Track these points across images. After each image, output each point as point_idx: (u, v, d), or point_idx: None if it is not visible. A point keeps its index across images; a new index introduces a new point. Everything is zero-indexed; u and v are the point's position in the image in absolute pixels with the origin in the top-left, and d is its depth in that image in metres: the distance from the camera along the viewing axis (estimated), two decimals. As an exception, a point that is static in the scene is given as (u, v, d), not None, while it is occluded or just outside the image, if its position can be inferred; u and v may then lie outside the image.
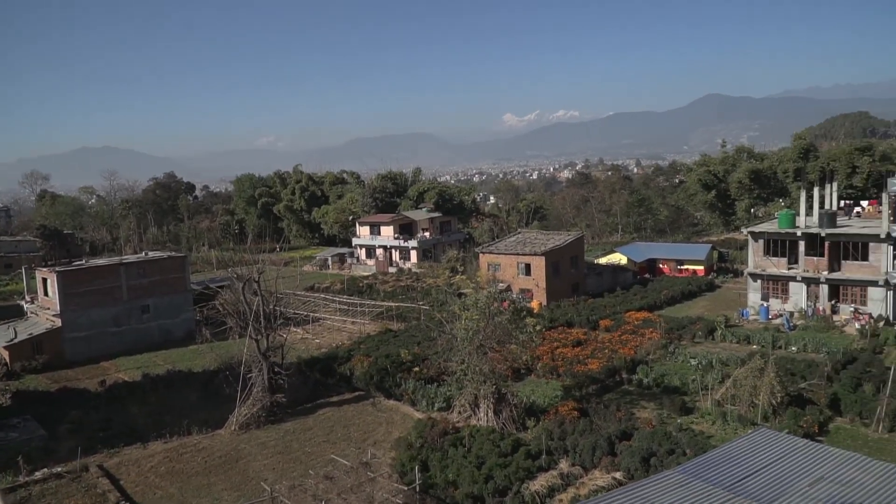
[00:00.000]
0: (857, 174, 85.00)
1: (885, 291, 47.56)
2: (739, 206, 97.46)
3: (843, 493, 14.02)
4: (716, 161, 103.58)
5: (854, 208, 59.39)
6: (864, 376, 34.45)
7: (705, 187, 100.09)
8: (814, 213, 51.98)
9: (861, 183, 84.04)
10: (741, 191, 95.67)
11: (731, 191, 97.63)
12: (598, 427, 29.16)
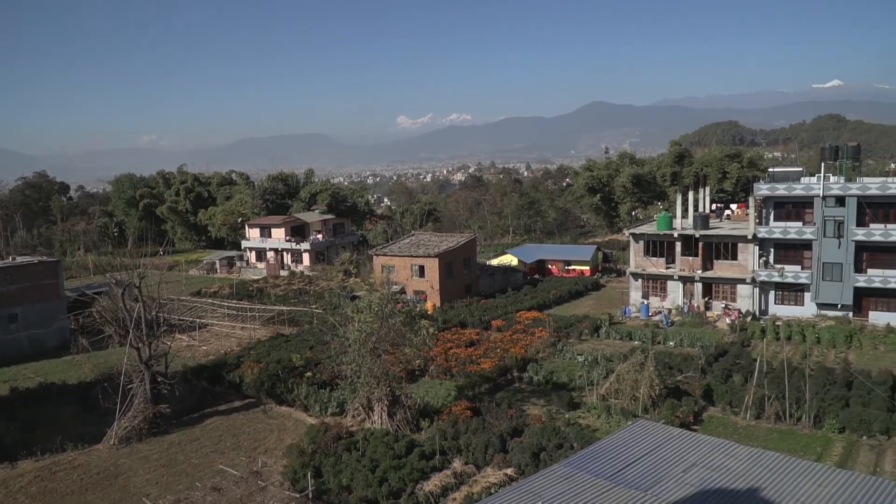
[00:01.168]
0: (728, 179, 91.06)
1: (752, 288, 51.22)
2: (622, 209, 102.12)
3: (713, 477, 15.01)
4: (600, 166, 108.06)
5: (724, 211, 63.62)
6: (734, 368, 36.94)
7: (591, 191, 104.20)
8: (689, 216, 55.23)
9: (731, 187, 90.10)
10: (624, 194, 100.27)
11: (615, 194, 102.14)
12: (491, 425, 29.77)
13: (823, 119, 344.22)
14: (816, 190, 48.82)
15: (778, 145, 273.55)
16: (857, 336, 44.07)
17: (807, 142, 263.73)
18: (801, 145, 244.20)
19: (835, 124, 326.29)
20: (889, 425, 29.27)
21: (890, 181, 48.20)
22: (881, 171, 75.38)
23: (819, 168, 51.03)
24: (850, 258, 47.72)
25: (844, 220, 47.79)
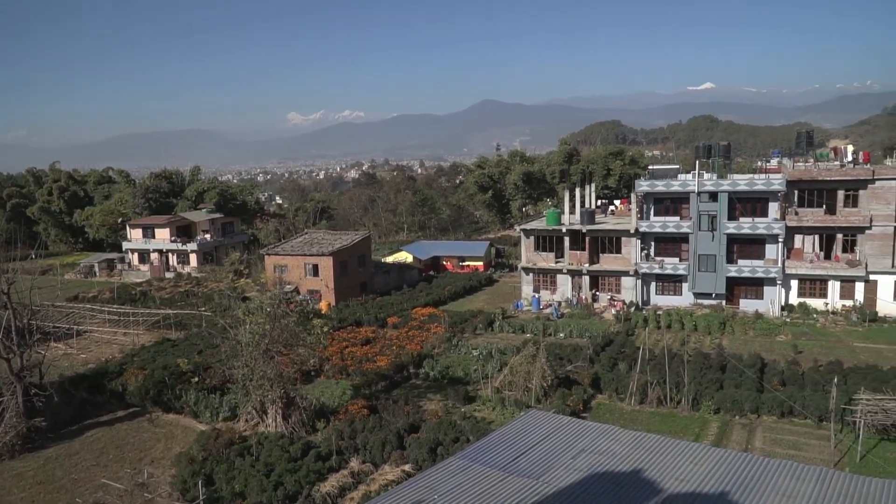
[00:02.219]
0: (612, 176, 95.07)
1: (636, 280, 53.78)
2: (513, 206, 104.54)
3: (600, 461, 15.68)
4: (492, 163, 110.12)
5: (609, 207, 66.42)
6: (619, 356, 38.69)
7: (482, 188, 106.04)
8: (576, 212, 57.27)
9: (614, 184, 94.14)
10: (515, 191, 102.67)
11: (506, 191, 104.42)
12: (388, 423, 29.75)
13: (698, 120, 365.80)
14: (692, 186, 51.82)
15: (657, 144, 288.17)
16: (730, 322, 47.20)
17: (683, 141, 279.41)
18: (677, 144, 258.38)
19: (708, 124, 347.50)
20: (758, 405, 31.53)
21: (757, 178, 51.88)
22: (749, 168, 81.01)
23: (694, 166, 54.19)
24: (722, 250, 50.99)
25: (717, 215, 51.00)
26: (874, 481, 14.71)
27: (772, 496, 14.09)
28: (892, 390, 29.63)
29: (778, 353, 40.60)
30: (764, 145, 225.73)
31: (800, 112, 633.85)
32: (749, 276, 51.00)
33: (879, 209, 49.26)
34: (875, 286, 49.37)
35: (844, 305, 49.45)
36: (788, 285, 51.06)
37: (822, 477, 14.79)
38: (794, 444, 28.62)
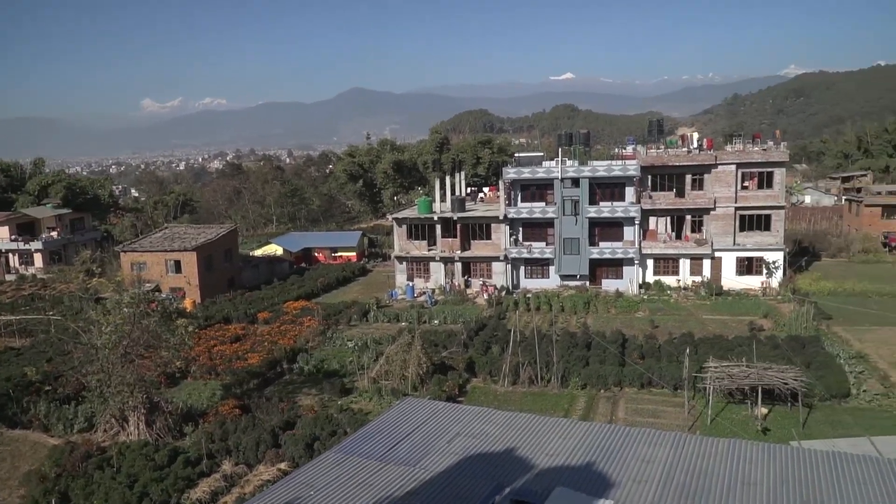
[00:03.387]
0: (481, 164, 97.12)
1: (506, 265, 55.28)
2: (385, 195, 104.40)
3: (474, 444, 16.00)
4: (362, 152, 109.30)
5: (479, 194, 67.75)
6: (492, 340, 39.66)
7: (353, 177, 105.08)
8: (447, 200, 57.98)
9: (484, 171, 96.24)
10: (386, 180, 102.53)
11: (377, 180, 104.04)
12: (262, 421, 28.87)
13: (560, 109, 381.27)
14: (556, 173, 53.85)
15: (522, 132, 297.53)
16: (594, 302, 49.62)
17: (546, 129, 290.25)
18: (541, 132, 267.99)
19: (569, 113, 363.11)
20: (621, 378, 33.38)
21: (614, 164, 54.66)
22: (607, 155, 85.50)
23: (557, 153, 56.32)
24: (585, 233, 53.42)
25: (580, 200, 53.34)
26: (721, 441, 15.97)
27: (632, 463, 14.94)
28: (736, 357, 32.23)
29: (637, 328, 43.14)
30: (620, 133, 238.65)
31: (651, 102, 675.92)
32: (610, 258, 53.79)
33: (722, 191, 53.41)
34: (720, 263, 53.58)
35: (694, 281, 53.29)
36: (645, 265, 54.36)
37: (676, 441, 15.86)
38: (654, 412, 30.54)
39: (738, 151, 54.33)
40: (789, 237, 61.65)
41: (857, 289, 50.91)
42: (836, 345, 38.01)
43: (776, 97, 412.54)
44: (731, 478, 14.28)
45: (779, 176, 53.48)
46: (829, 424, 28.23)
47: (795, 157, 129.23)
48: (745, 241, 53.61)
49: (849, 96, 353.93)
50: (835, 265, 61.53)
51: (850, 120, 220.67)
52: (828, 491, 13.73)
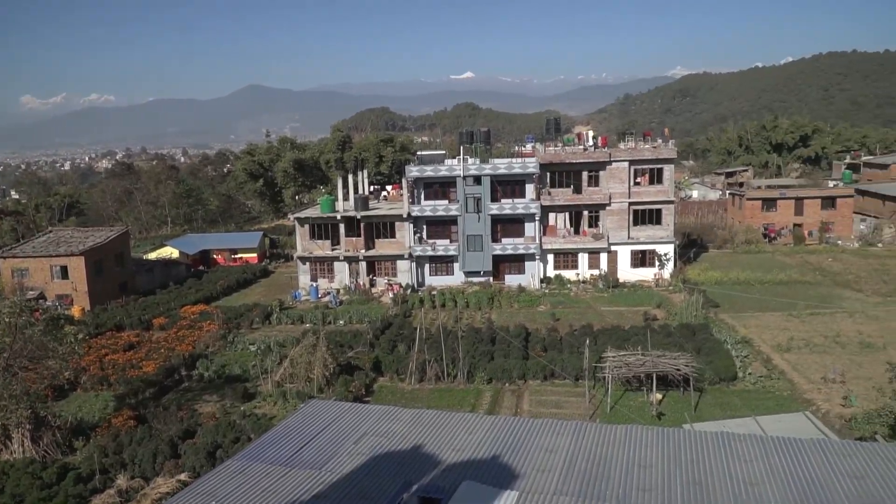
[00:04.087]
0: (384, 162, 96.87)
1: (410, 263, 55.37)
2: (286, 194, 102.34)
3: (381, 442, 15.96)
4: (262, 150, 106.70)
5: (382, 192, 67.53)
6: (398, 338, 39.66)
7: (252, 176, 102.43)
8: (350, 198, 57.46)
9: (387, 170, 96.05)
10: (287, 179, 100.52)
11: (278, 179, 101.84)
12: (159, 432, 27.71)
13: (461, 107, 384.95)
14: (458, 171, 54.40)
15: (424, 131, 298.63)
16: (498, 298, 50.48)
17: (448, 127, 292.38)
18: (443, 131, 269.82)
19: (470, 112, 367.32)
20: (525, 371, 34.15)
21: (514, 162, 55.77)
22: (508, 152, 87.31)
23: (459, 151, 56.88)
24: (487, 230, 54.27)
25: (482, 197, 54.11)
26: (619, 428, 16.64)
27: (536, 453, 15.34)
28: (632, 346, 33.63)
29: (539, 322, 44.25)
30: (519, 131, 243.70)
31: (549, 101, 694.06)
32: (512, 254, 54.88)
33: (616, 187, 55.54)
34: (616, 256, 55.73)
35: (592, 275, 55.17)
36: (546, 259, 55.80)
37: (577, 430, 16.41)
38: (557, 403, 31.43)
39: (630, 149, 56.67)
40: (679, 230, 64.91)
41: (742, 278, 54.19)
42: (724, 331, 40.33)
43: (664, 97, 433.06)
44: (629, 462, 14.90)
45: (668, 172, 56.15)
46: (719, 407, 29.91)
47: (683, 153, 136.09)
48: (639, 235, 55.99)
49: (730, 96, 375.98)
50: (721, 256, 65.25)
51: (733, 118, 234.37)
52: (716, 469, 14.55)
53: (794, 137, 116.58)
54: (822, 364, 34.54)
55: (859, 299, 47.70)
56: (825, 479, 14.02)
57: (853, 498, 13.33)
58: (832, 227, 70.20)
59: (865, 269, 56.58)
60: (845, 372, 33.00)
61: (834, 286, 51.84)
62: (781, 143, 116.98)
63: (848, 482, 13.92)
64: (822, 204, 71.19)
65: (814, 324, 42.05)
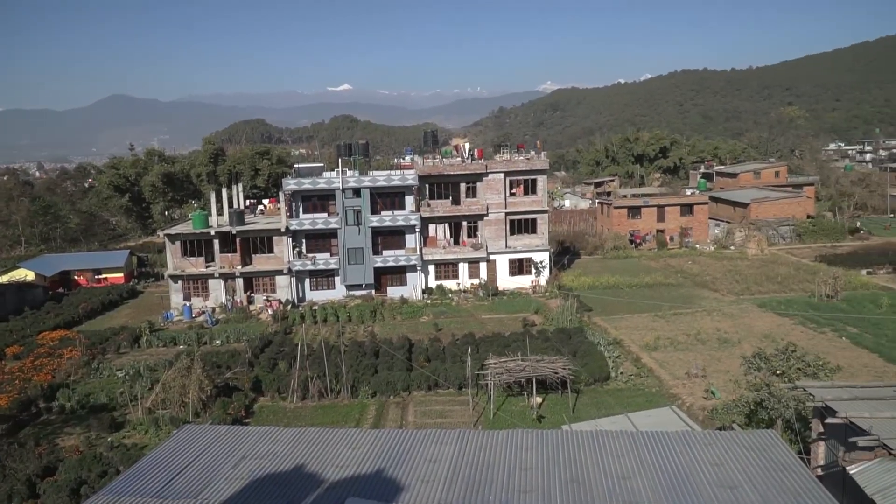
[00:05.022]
0: (260, 175, 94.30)
1: (290, 278, 54.20)
2: (155, 209, 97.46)
3: (261, 465, 15.47)
4: (127, 164, 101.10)
5: (258, 206, 65.77)
6: (279, 356, 38.65)
7: (118, 191, 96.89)
8: (225, 213, 55.54)
9: (263, 183, 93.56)
10: (155, 194, 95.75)
11: (146, 194, 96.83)
12: (14, 471, 25.45)
13: (339, 119, 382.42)
14: (336, 184, 53.93)
15: (302, 143, 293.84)
16: (380, 310, 50.36)
17: (326, 140, 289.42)
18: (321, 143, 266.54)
19: (349, 124, 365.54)
20: (409, 383, 34.22)
21: (393, 174, 55.98)
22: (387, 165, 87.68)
23: (337, 164, 56.42)
24: (368, 243, 54.09)
25: (361, 210, 53.90)
26: (500, 433, 17.01)
27: (420, 464, 15.40)
28: (512, 353, 34.52)
29: (422, 333, 44.53)
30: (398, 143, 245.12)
31: (426, 113, 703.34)
32: (393, 265, 54.97)
33: (493, 198, 56.99)
34: (495, 265, 57.12)
35: (473, 284, 56.23)
36: (427, 270, 56.31)
37: (460, 438, 16.61)
38: (441, 412, 31.70)
39: (505, 161, 58.38)
40: (553, 238, 67.49)
41: (612, 282, 57.06)
42: (597, 333, 42.24)
43: (536, 110, 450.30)
44: (511, 465, 15.26)
45: (541, 183, 58.30)
46: (595, 406, 31.25)
47: (555, 165, 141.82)
48: (516, 244, 57.69)
49: (597, 110, 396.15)
50: (592, 262, 68.40)
51: (599, 131, 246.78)
52: (592, 466, 15.19)
53: (655, 149, 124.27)
54: (685, 360, 36.89)
55: (716, 298, 51.41)
56: (689, 468, 14.95)
57: (714, 483, 14.30)
58: (690, 232, 75.39)
59: (720, 270, 61.11)
60: (706, 367, 35.43)
61: (694, 287, 55.59)
62: (643, 155, 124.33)
63: (709, 469, 14.92)
64: (681, 211, 76.35)
65: (677, 323, 44.88)
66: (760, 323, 43.97)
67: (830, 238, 74.46)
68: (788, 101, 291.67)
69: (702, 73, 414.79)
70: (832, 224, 79.02)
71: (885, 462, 14.96)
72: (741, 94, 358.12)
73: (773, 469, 14.88)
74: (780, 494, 13.79)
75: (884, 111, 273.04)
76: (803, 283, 53.50)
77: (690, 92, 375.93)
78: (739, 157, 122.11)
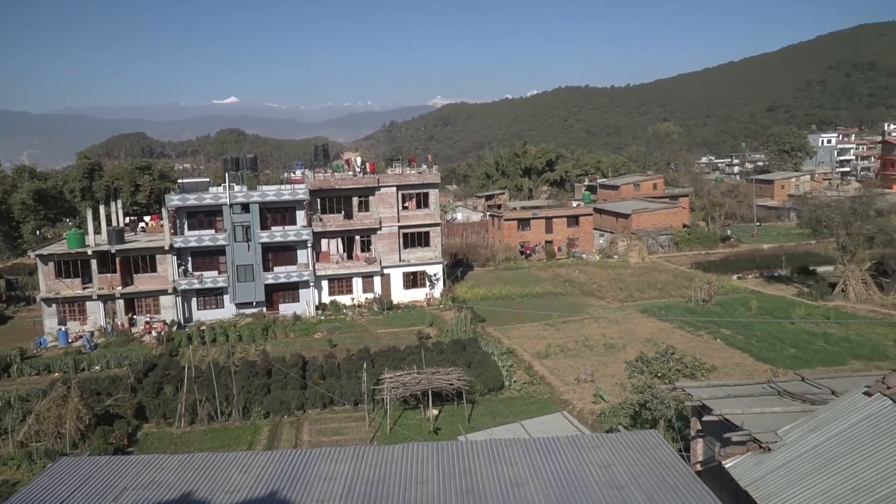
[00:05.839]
0: (141, 191, 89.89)
1: (175, 298, 51.97)
2: (25, 229, 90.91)
3: (145, 496, 14.74)
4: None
5: (140, 224, 62.74)
6: (164, 380, 36.93)
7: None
8: (103, 231, 52.64)
9: (144, 199, 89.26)
10: (26, 212, 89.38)
11: (15, 212, 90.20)
12: None
13: (225, 133, 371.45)
14: (224, 199, 52.34)
15: (187, 157, 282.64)
16: (272, 328, 49.19)
17: (212, 154, 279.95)
18: (207, 157, 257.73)
19: (236, 138, 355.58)
20: (303, 401, 33.60)
21: (283, 188, 55.00)
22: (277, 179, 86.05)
23: (224, 178, 54.79)
24: (258, 259, 52.78)
25: (251, 225, 52.55)
26: (396, 447, 17.03)
27: (315, 483, 15.17)
28: (408, 366, 34.62)
29: (317, 349, 43.87)
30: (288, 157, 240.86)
31: (317, 127, 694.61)
32: (285, 282, 53.87)
33: (386, 212, 57.07)
34: (389, 279, 57.12)
35: (367, 298, 55.97)
36: (320, 286, 55.55)
37: (355, 455, 16.49)
38: (337, 430, 31.31)
39: (397, 174, 58.66)
40: (446, 251, 68.30)
41: (504, 292, 58.37)
42: (491, 344, 43.06)
43: (427, 124, 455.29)
44: (406, 479, 15.30)
45: (434, 196, 58.95)
46: (490, 415, 31.80)
47: (446, 178, 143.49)
48: (409, 257, 57.96)
49: (486, 124, 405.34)
50: (485, 273, 69.72)
51: (489, 145, 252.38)
52: (486, 475, 15.47)
53: (542, 162, 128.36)
54: (575, 367, 38.23)
55: (602, 306, 53.66)
56: (579, 471, 15.52)
57: (601, 484, 14.92)
58: (577, 242, 78.39)
59: (605, 278, 63.86)
60: (594, 372, 36.87)
61: (581, 295, 57.78)
62: (531, 168, 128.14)
63: (597, 471, 15.55)
64: (567, 222, 79.28)
65: (566, 330, 46.48)
66: (643, 328, 46.24)
67: (704, 246, 79.46)
68: (664, 117, 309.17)
69: (584, 89, 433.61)
70: (706, 233, 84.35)
71: (756, 455, 16.06)
72: (620, 111, 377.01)
73: (655, 468, 15.69)
74: (663, 492, 14.56)
75: (749, 126, 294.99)
76: (681, 289, 56.74)
77: (574, 108, 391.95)
78: (620, 170, 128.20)
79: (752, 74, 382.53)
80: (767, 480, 14.96)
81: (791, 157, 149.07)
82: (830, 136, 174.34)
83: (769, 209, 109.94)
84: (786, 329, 43.83)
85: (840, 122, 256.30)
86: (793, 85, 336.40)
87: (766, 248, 75.81)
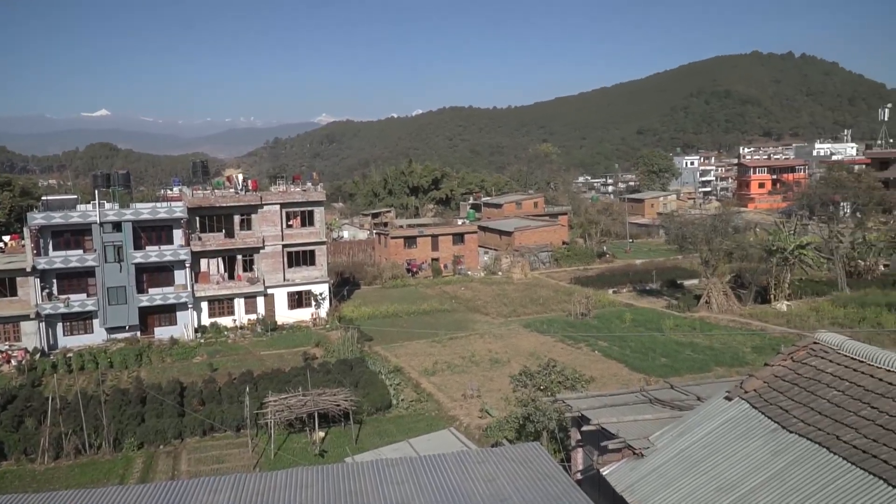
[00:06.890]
0: (1, 209, 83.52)
1: (38, 323, 48.34)
2: None
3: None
4: None
5: None
6: (25, 412, 34.13)
7: None
8: (-48, 253, 48.24)
9: (3, 217, 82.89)
10: None
11: None
12: None
13: (96, 147, 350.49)
14: (93, 217, 49.39)
15: (52, 173, 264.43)
16: (147, 353, 46.69)
17: (81, 169, 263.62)
18: (75, 173, 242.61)
19: (108, 153, 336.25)
20: (181, 429, 32.07)
21: (159, 206, 52.59)
22: (153, 196, 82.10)
23: (94, 195, 51.73)
24: (132, 280, 50.05)
25: (123, 245, 49.82)
26: (279, 473, 16.56)
27: (195, 516, 14.50)
28: (293, 388, 33.83)
29: (196, 374, 42.02)
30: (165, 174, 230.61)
31: (197, 143, 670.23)
32: (161, 304, 51.38)
33: (269, 230, 55.76)
34: (273, 299, 55.71)
35: (250, 319, 54.31)
36: (199, 308, 53.36)
37: (235, 483, 15.89)
38: (218, 458, 30.09)
39: (281, 192, 57.56)
40: (333, 270, 67.50)
41: (390, 311, 58.33)
42: (378, 363, 42.85)
43: (312, 142, 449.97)
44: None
45: (319, 214, 58.23)
46: (378, 435, 31.59)
47: (332, 196, 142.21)
48: (294, 277, 56.84)
49: (372, 142, 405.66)
50: (372, 291, 69.45)
51: (375, 163, 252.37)
52: (373, 496, 15.34)
53: (428, 181, 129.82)
54: (461, 382, 38.71)
55: (487, 321, 54.74)
56: (464, 487, 15.71)
57: (486, 498, 15.17)
58: (463, 259, 79.69)
59: (490, 294, 65.24)
60: (481, 387, 37.48)
61: (467, 312, 58.71)
62: (418, 186, 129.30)
63: (482, 486, 15.80)
64: (453, 240, 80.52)
65: (453, 347, 47.04)
66: (526, 342, 47.56)
67: (582, 262, 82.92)
68: (543, 138, 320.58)
69: (468, 110, 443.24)
70: (583, 249, 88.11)
71: (630, 461, 16.84)
72: (502, 131, 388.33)
73: (538, 479, 16.14)
74: (544, 502, 15.00)
75: (621, 148, 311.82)
76: (561, 304, 58.82)
77: (458, 127, 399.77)
78: (503, 188, 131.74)
79: (622, 99, 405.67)
80: (641, 485, 15.74)
81: (659, 177, 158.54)
82: (693, 159, 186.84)
83: (640, 226, 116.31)
84: (657, 340, 46.39)
85: (701, 145, 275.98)
86: (659, 110, 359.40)
87: (639, 264, 79.96)
